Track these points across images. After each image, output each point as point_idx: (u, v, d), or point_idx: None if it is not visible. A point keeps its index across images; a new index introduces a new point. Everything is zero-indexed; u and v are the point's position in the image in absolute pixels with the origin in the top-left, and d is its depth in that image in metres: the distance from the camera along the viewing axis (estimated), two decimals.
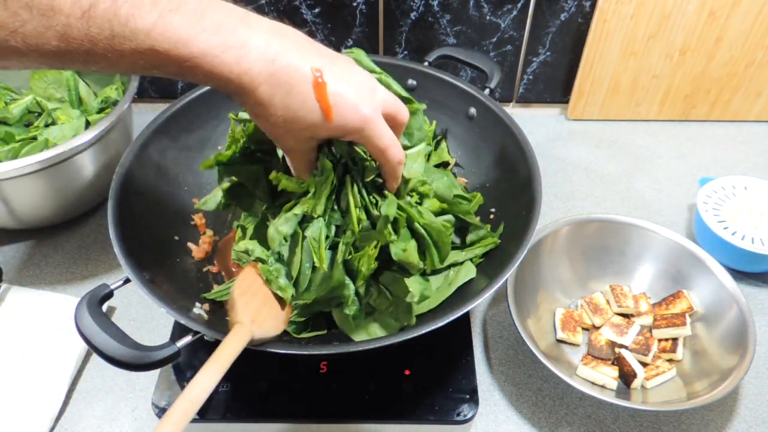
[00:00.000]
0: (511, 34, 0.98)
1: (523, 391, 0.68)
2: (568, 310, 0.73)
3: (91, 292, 0.53)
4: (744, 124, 1.04)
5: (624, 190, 0.93)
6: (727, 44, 0.94)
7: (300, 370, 0.64)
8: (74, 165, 0.75)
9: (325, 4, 0.94)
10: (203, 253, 0.71)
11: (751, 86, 0.99)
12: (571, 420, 0.66)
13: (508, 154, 0.72)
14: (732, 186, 0.84)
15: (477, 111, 0.77)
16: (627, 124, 1.05)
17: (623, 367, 0.66)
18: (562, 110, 1.07)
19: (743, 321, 0.65)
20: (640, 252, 0.76)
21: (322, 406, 0.61)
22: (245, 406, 0.61)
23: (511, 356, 0.72)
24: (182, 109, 0.75)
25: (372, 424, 0.61)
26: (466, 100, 0.78)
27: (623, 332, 0.69)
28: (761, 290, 0.79)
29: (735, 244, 0.76)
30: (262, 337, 0.50)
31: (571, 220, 0.76)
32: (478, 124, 0.78)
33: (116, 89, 0.86)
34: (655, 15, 0.91)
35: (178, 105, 0.74)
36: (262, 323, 0.51)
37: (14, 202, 0.75)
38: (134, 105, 0.83)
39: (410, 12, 0.95)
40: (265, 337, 0.51)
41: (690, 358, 0.68)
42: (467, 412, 0.60)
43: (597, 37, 0.94)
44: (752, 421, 0.66)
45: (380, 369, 0.64)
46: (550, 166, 0.97)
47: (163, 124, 0.73)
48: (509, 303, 0.66)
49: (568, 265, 0.76)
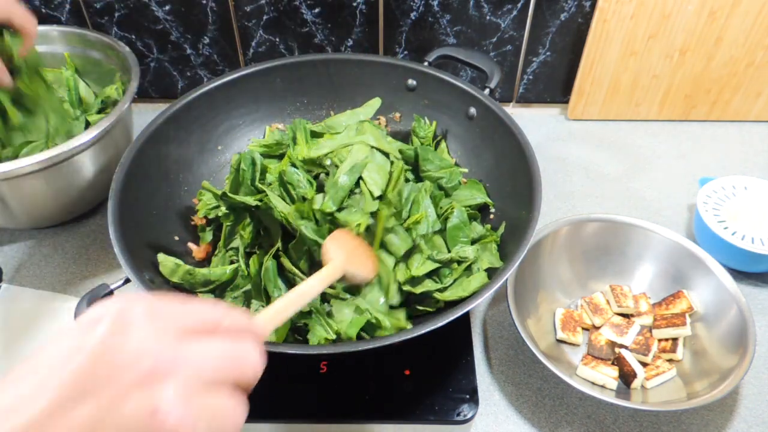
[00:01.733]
0: (511, 34, 0.98)
1: (523, 391, 0.68)
2: (568, 310, 0.73)
3: (91, 292, 0.53)
4: (744, 124, 1.04)
5: (624, 190, 0.93)
6: (727, 44, 0.94)
7: (300, 370, 0.64)
8: (74, 165, 0.75)
9: (325, 4, 0.94)
10: (204, 253, 0.71)
11: (751, 86, 0.99)
12: (571, 420, 0.66)
13: (509, 154, 0.72)
14: (732, 186, 0.84)
15: (477, 111, 0.77)
16: (627, 124, 1.05)
17: (623, 367, 0.66)
18: (562, 110, 1.07)
19: (743, 321, 0.65)
20: (640, 252, 0.76)
21: (322, 406, 0.61)
22: None
23: (511, 356, 0.72)
24: (182, 109, 0.75)
25: (372, 424, 0.61)
26: (466, 100, 0.78)
27: (623, 332, 0.69)
28: (761, 290, 0.79)
29: (735, 244, 0.76)
30: (354, 273, 0.58)
31: (571, 220, 0.76)
32: (478, 124, 0.78)
33: (116, 89, 0.86)
34: (655, 15, 0.91)
35: (178, 105, 0.75)
36: (353, 263, 0.58)
37: (14, 202, 0.75)
38: (134, 105, 0.83)
39: (410, 12, 0.95)
40: (357, 275, 0.59)
41: (690, 358, 0.68)
42: (467, 412, 0.60)
43: (597, 37, 0.94)
44: (752, 421, 0.66)
45: (380, 369, 0.64)
46: (550, 166, 0.97)
47: (163, 124, 0.73)
48: (509, 303, 0.66)
49: (568, 265, 0.76)
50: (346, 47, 1.00)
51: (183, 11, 0.96)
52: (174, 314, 0.32)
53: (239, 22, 0.97)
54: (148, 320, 0.30)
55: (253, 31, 0.98)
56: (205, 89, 0.77)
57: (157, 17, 0.97)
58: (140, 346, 0.29)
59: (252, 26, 0.98)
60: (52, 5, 0.96)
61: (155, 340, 0.30)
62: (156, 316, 0.31)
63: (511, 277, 0.68)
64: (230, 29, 0.98)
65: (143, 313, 0.31)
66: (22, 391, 0.28)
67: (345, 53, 0.99)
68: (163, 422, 0.28)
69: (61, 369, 0.28)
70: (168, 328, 0.31)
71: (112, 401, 0.28)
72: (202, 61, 1.03)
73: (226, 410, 0.31)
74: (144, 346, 0.29)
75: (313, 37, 0.99)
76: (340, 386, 0.62)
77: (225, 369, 0.32)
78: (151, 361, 0.29)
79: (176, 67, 1.04)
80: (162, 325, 0.31)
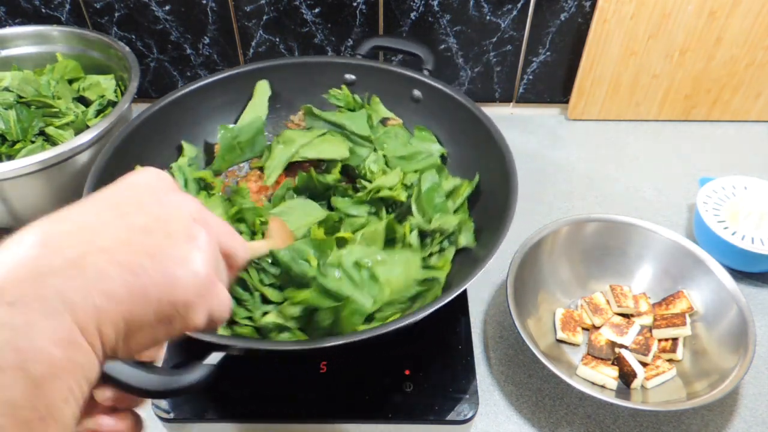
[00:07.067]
0: (511, 34, 0.98)
1: (523, 391, 0.68)
2: (568, 310, 0.73)
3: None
4: (744, 124, 1.04)
5: (624, 190, 0.93)
6: (727, 44, 0.94)
7: (300, 370, 0.64)
8: (74, 165, 0.75)
9: (325, 4, 0.94)
10: None
11: (751, 86, 0.99)
12: (571, 420, 0.66)
13: (465, 126, 0.73)
14: (732, 186, 0.84)
15: (422, 92, 0.79)
16: (627, 124, 1.05)
17: (623, 367, 0.66)
18: (562, 110, 1.07)
19: (743, 321, 0.65)
20: (640, 252, 0.76)
21: (322, 406, 0.61)
22: (245, 406, 0.61)
23: (511, 356, 0.72)
24: (166, 107, 0.75)
25: (372, 424, 0.61)
26: (407, 83, 0.79)
27: (623, 332, 0.69)
28: (761, 290, 0.79)
29: (735, 244, 0.76)
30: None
31: (571, 220, 0.76)
32: (426, 105, 0.79)
33: (114, 93, 0.87)
34: (655, 15, 0.91)
35: (160, 105, 0.75)
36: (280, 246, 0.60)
37: (14, 202, 0.75)
38: (134, 105, 0.83)
39: (410, 12, 0.95)
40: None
41: (690, 358, 0.68)
42: (467, 412, 0.60)
43: (597, 37, 0.94)
44: (752, 421, 0.66)
45: (380, 369, 0.64)
46: (550, 166, 0.97)
47: (142, 125, 0.73)
48: (509, 303, 0.66)
49: (568, 265, 0.76)
50: (346, 47, 1.00)
51: (183, 11, 0.96)
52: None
53: (239, 22, 0.97)
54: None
55: (253, 31, 0.98)
56: (197, 85, 0.78)
57: (157, 17, 0.97)
58: (181, 197, 0.34)
59: (252, 26, 0.98)
60: (52, 5, 0.96)
61: (191, 198, 0.35)
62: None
63: (511, 277, 0.68)
64: (230, 29, 0.98)
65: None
66: (86, 209, 0.31)
67: (286, 58, 1.00)
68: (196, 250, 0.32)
69: (121, 196, 0.32)
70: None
71: (164, 228, 0.31)
72: (202, 61, 1.03)
73: (224, 294, 0.34)
74: (184, 196, 0.34)
75: (313, 37, 0.99)
76: (339, 386, 0.62)
77: (231, 242, 0.36)
78: (193, 206, 0.34)
79: (176, 67, 1.04)
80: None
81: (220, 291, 0.33)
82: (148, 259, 0.29)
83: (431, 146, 0.77)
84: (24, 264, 0.27)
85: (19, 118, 0.81)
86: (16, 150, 0.79)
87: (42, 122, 0.82)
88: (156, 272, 0.29)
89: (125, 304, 0.28)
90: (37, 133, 0.82)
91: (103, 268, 0.28)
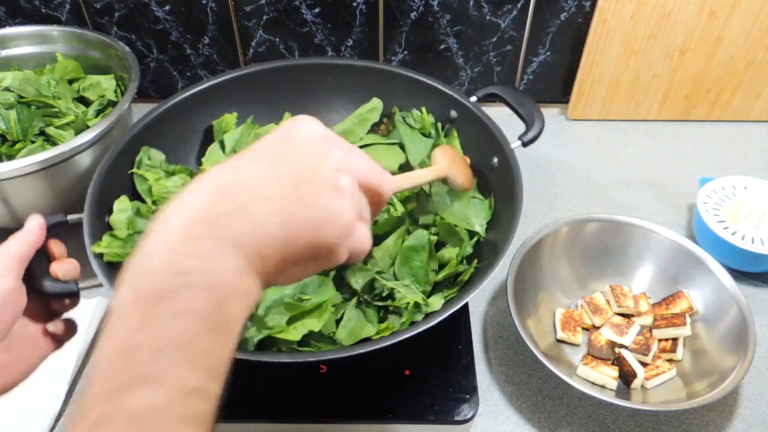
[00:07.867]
0: (511, 34, 0.98)
1: (523, 391, 0.68)
2: (568, 310, 0.73)
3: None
4: (744, 124, 1.04)
5: (624, 190, 0.93)
6: (727, 44, 0.94)
7: (300, 371, 0.64)
8: (74, 165, 0.75)
9: (325, 4, 0.94)
10: None
11: (751, 86, 0.99)
12: (571, 420, 0.66)
13: (488, 152, 0.73)
14: (732, 186, 0.84)
15: (458, 113, 0.79)
16: (627, 124, 1.05)
17: (623, 367, 0.66)
18: (562, 110, 1.07)
19: (743, 321, 0.65)
20: (640, 252, 0.76)
21: (322, 406, 0.61)
22: (245, 406, 0.61)
23: (511, 356, 0.72)
24: (170, 108, 0.76)
25: (372, 424, 0.61)
26: (447, 103, 0.79)
27: (623, 332, 0.69)
28: (761, 290, 0.79)
29: (735, 244, 0.76)
30: (454, 178, 0.67)
31: (571, 220, 0.76)
32: (460, 126, 0.79)
33: (114, 93, 0.87)
34: (655, 15, 0.91)
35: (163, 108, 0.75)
36: (454, 170, 0.67)
37: (14, 202, 0.75)
38: (134, 105, 0.83)
39: (410, 12, 0.95)
40: (456, 180, 0.67)
41: (690, 358, 0.68)
42: (467, 412, 0.60)
43: (597, 37, 0.94)
44: (752, 421, 0.66)
45: (380, 369, 0.64)
46: (550, 166, 0.97)
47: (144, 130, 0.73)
48: (509, 303, 0.66)
49: (568, 265, 0.76)
50: (346, 47, 1.00)
51: (183, 11, 0.96)
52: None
53: (239, 22, 0.97)
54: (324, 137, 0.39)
55: (253, 31, 0.98)
56: (195, 90, 0.78)
57: (157, 17, 0.97)
58: (328, 146, 0.38)
59: (252, 26, 0.98)
60: (52, 5, 0.96)
61: (338, 145, 0.38)
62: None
63: (511, 277, 0.68)
64: (230, 29, 0.98)
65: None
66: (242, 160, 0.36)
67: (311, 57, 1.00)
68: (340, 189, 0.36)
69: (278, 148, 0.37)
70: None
71: (311, 171, 0.36)
72: (202, 61, 1.03)
73: (363, 233, 0.38)
74: (330, 144, 0.38)
75: (313, 37, 0.99)
76: (339, 386, 0.62)
77: (375, 180, 0.40)
78: (338, 154, 0.37)
79: (176, 67, 1.04)
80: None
81: (359, 231, 0.38)
82: (299, 209, 0.34)
83: (475, 222, 0.71)
84: (202, 209, 0.33)
85: (19, 118, 0.81)
86: (17, 150, 0.79)
87: (42, 122, 0.82)
88: (304, 220, 0.35)
89: (280, 246, 0.34)
90: (38, 133, 0.82)
91: (264, 215, 0.33)
